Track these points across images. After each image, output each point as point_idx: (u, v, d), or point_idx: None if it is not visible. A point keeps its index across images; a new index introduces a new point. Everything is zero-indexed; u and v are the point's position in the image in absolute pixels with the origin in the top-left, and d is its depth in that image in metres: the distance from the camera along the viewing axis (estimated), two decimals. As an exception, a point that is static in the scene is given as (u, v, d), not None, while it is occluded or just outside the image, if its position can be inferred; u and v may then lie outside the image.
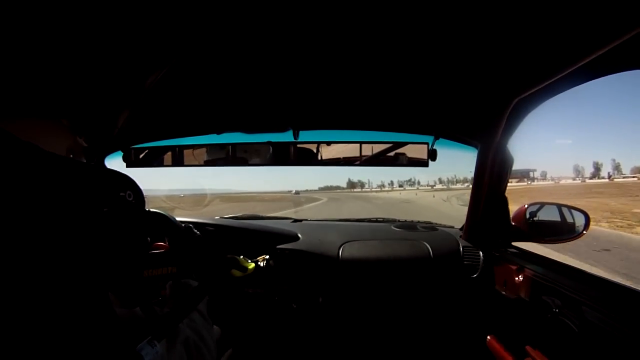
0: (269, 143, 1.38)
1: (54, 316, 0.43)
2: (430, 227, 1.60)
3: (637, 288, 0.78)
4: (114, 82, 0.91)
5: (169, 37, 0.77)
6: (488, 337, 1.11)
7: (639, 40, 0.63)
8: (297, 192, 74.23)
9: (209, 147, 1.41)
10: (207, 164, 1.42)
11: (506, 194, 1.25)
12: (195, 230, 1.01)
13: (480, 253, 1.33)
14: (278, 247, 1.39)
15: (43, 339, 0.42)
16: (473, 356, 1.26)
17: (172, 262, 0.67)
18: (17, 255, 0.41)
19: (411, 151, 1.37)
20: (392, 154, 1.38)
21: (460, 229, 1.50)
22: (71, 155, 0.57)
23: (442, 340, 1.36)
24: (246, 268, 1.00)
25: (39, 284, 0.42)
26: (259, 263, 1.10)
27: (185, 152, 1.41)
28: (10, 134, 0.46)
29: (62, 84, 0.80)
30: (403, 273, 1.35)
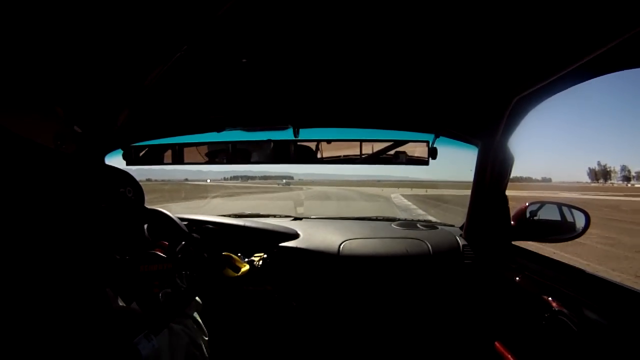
0: (269, 141, 1.38)
1: (52, 310, 0.44)
2: (430, 225, 1.60)
3: (638, 288, 0.78)
4: (114, 80, 0.91)
5: (170, 35, 0.77)
6: (496, 342, 1.11)
7: (638, 39, 0.62)
8: (287, 183, 62.91)
9: (209, 144, 1.41)
10: (208, 161, 1.43)
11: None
12: (194, 234, 1.01)
13: (480, 252, 1.33)
14: (278, 245, 1.39)
15: (41, 332, 0.43)
16: (473, 354, 1.26)
17: (168, 258, 0.67)
18: (14, 250, 0.42)
19: (412, 149, 1.37)
20: (392, 152, 1.37)
21: (461, 228, 1.49)
22: (59, 142, 0.58)
23: (441, 338, 1.36)
24: (239, 269, 1.00)
25: (37, 279, 0.43)
26: (254, 263, 1.09)
27: (186, 149, 1.42)
28: (8, 131, 0.46)
29: (63, 82, 0.81)
30: (403, 271, 1.35)
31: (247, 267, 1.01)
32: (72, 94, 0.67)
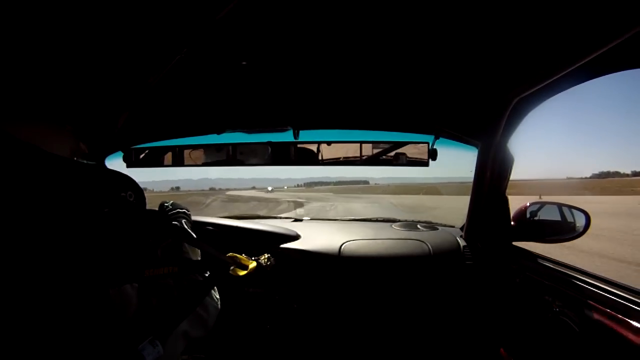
0: (269, 143, 1.38)
1: (55, 316, 0.43)
2: (431, 226, 1.60)
3: (638, 288, 0.78)
4: (114, 83, 0.91)
5: (170, 37, 0.77)
6: (501, 349, 1.11)
7: (638, 39, 0.63)
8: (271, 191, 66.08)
9: (209, 147, 1.41)
10: (208, 164, 1.42)
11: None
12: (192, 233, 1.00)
13: (481, 253, 1.33)
14: (279, 246, 1.39)
15: (44, 339, 0.42)
16: (473, 354, 1.27)
17: (174, 261, 0.67)
18: (17, 255, 0.41)
19: (412, 151, 1.37)
20: (392, 153, 1.37)
21: (461, 229, 1.50)
22: (75, 158, 0.58)
23: (442, 339, 1.36)
24: (247, 266, 1.00)
25: (40, 285, 0.42)
26: (260, 262, 1.10)
27: (186, 152, 1.41)
28: (11, 135, 0.46)
29: (63, 85, 0.80)
30: (403, 272, 1.35)
31: (254, 263, 1.00)
32: (75, 102, 0.66)
